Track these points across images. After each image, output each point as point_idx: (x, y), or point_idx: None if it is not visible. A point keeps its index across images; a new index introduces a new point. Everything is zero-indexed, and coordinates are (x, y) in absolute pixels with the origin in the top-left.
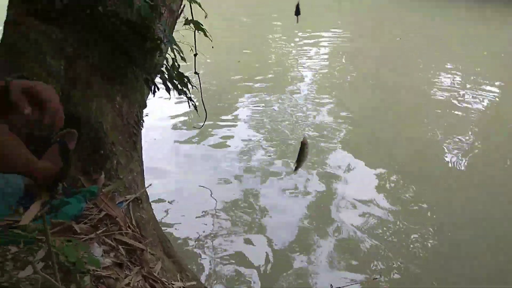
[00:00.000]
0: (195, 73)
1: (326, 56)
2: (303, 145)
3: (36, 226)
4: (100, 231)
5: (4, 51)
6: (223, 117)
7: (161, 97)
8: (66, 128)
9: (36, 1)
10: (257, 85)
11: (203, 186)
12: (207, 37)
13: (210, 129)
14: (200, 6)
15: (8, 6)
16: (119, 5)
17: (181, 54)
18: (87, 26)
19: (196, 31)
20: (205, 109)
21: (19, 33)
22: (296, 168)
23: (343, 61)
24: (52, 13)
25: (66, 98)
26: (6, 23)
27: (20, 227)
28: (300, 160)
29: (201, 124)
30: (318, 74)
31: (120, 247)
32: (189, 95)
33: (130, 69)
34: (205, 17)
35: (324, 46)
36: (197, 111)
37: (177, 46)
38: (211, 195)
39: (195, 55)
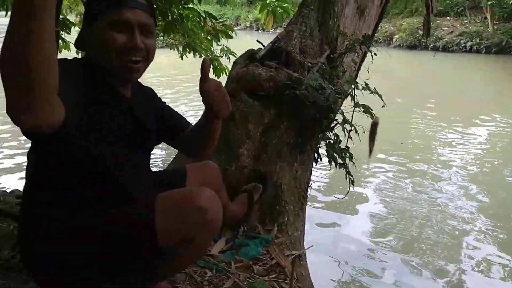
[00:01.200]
0: (347, 147)
1: (482, 148)
2: (375, 125)
3: (224, 258)
4: (272, 276)
5: None
6: (366, 190)
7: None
8: (255, 182)
9: (248, 81)
10: (403, 170)
11: (332, 258)
12: (372, 120)
13: (349, 199)
14: (380, 97)
15: (227, 81)
16: (311, 91)
17: (349, 134)
18: (283, 103)
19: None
20: (352, 181)
21: (233, 103)
22: (370, 152)
23: (501, 152)
24: (259, 92)
25: (258, 158)
26: None
27: (211, 256)
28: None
29: (343, 196)
30: (470, 168)
31: None
32: (348, 170)
33: (309, 141)
34: (382, 106)
35: (482, 136)
36: (353, 185)
37: (352, 125)
38: (338, 266)
39: (350, 131)
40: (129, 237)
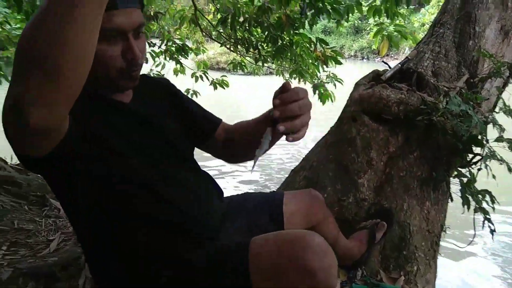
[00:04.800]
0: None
1: None
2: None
3: None
4: None
5: (336, 139)
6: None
7: None
8: (378, 219)
9: (373, 103)
10: None
11: None
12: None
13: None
14: None
15: (347, 103)
16: (452, 118)
17: (491, 172)
18: (414, 130)
19: None
20: (492, 231)
21: (354, 127)
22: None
23: None
24: (385, 115)
25: (381, 191)
26: (342, 117)
27: None
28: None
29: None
30: None
31: None
32: (489, 216)
33: (445, 177)
34: None
35: None
36: (492, 235)
37: (503, 161)
38: None
39: (480, 169)
40: None
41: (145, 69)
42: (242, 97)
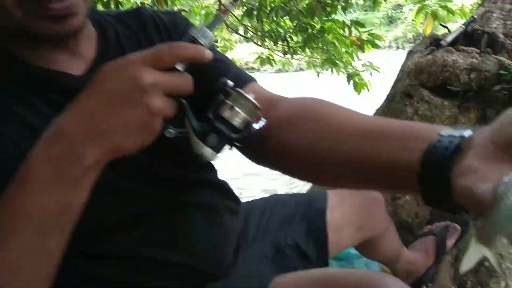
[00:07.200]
0: None
1: None
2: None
3: None
4: None
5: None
6: None
7: None
8: (446, 221)
9: (436, 72)
10: None
11: None
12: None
13: None
14: None
15: (399, 76)
16: None
17: None
18: (492, 104)
19: None
20: None
21: (409, 105)
22: None
23: None
24: (451, 87)
25: None
26: (393, 94)
27: None
28: None
29: None
30: None
31: None
32: None
33: None
34: None
35: None
36: None
37: None
38: None
39: None
40: None
41: None
42: None
